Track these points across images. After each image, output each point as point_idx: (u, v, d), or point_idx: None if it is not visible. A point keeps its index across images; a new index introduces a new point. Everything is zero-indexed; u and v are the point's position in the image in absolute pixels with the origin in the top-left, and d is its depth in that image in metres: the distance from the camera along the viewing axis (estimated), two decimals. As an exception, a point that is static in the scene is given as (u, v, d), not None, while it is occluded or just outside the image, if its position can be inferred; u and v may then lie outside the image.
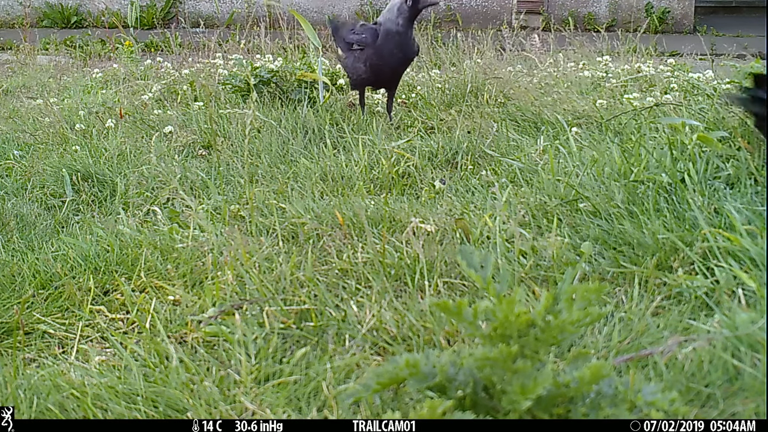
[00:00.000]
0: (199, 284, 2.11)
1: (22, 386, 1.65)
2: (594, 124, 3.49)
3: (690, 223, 2.07)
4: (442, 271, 2.04)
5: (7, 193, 3.07)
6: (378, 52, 3.39)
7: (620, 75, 4.52)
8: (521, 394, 1.24)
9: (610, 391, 1.29)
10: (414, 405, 1.45)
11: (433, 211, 2.45)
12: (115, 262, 2.24)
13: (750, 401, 1.43)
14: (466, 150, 3.18)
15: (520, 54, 5.22)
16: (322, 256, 2.21)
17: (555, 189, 2.51)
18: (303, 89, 4.21)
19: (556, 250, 2.02)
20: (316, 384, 1.61)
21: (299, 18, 3.99)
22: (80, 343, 1.91)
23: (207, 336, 1.83)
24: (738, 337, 1.56)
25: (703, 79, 4.17)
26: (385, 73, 3.47)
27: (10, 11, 10.24)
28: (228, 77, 4.45)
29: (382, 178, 2.96)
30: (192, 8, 10.39)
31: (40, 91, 5.23)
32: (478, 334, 1.34)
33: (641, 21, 8.89)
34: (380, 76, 3.45)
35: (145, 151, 3.44)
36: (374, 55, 3.39)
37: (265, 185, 2.90)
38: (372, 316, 1.81)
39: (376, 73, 3.42)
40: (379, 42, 3.39)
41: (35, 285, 2.15)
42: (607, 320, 1.77)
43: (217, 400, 1.56)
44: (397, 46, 3.44)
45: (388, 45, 3.40)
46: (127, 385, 1.64)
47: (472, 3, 10.07)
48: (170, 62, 5.54)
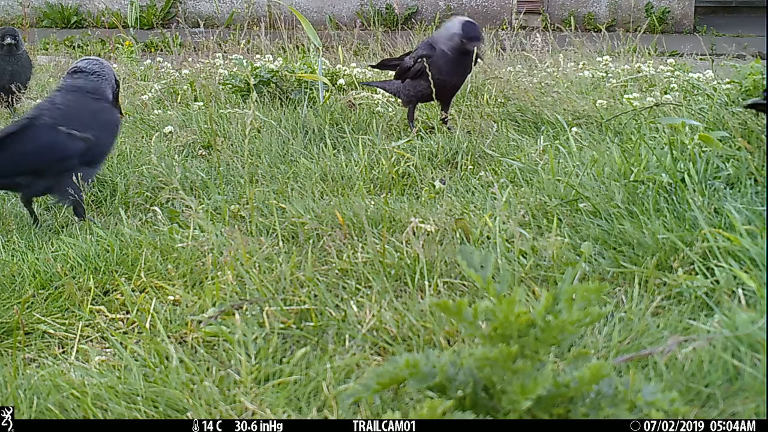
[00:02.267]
0: (199, 284, 2.11)
1: (22, 386, 1.65)
2: (594, 124, 3.49)
3: (690, 223, 2.07)
4: (442, 271, 2.04)
5: (7, 193, 3.07)
6: (439, 69, 3.43)
7: (620, 75, 4.52)
8: (521, 394, 1.24)
9: (610, 391, 1.29)
10: (414, 405, 1.45)
11: (433, 211, 2.45)
12: (115, 262, 2.24)
13: (750, 401, 1.43)
14: (466, 150, 3.18)
15: (520, 54, 5.22)
16: (322, 256, 2.21)
17: (555, 189, 2.51)
18: (303, 89, 4.21)
19: (556, 250, 2.02)
20: (316, 384, 1.61)
21: (300, 17, 3.99)
22: (80, 343, 1.91)
23: (207, 336, 1.83)
24: (738, 337, 1.56)
25: (703, 79, 4.17)
26: (445, 89, 3.50)
27: (10, 11, 10.23)
28: (228, 77, 4.45)
29: (382, 178, 2.96)
30: (192, 8, 10.38)
31: (40, 91, 5.23)
32: (478, 334, 1.34)
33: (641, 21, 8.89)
34: (440, 91, 3.48)
35: (146, 151, 3.44)
36: (435, 71, 3.42)
37: (265, 185, 2.90)
38: (372, 316, 1.81)
39: (437, 88, 3.46)
40: (438, 59, 3.43)
41: (35, 285, 2.15)
42: (607, 320, 1.77)
43: (217, 400, 1.56)
44: (456, 64, 3.46)
45: (447, 64, 3.44)
46: (127, 385, 1.64)
47: (472, 3, 10.07)
48: (170, 62, 5.54)
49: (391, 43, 6.49)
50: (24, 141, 2.61)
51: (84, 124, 2.66)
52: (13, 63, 4.39)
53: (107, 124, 2.75)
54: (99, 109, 2.74)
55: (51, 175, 2.62)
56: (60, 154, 2.62)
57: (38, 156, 2.62)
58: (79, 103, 2.72)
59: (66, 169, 2.61)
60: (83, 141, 2.60)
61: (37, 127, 2.63)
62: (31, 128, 2.63)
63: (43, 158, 2.62)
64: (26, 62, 4.52)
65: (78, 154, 2.62)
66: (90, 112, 2.72)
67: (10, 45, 4.33)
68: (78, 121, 2.66)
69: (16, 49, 4.39)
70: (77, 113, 2.69)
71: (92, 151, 2.66)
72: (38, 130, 2.63)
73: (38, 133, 2.62)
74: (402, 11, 9.93)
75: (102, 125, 2.72)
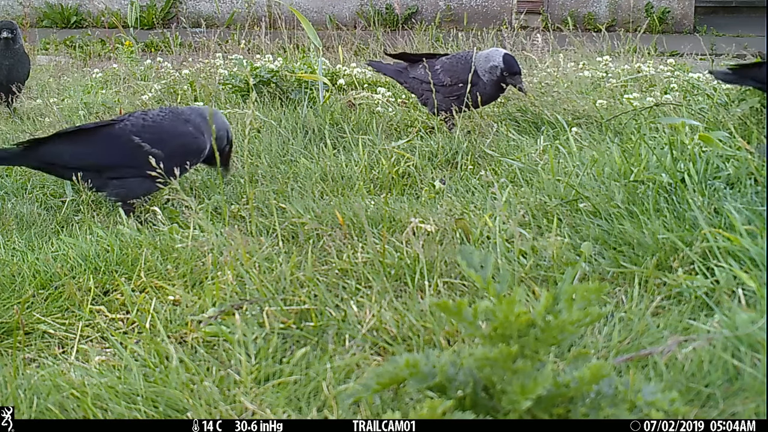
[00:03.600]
0: (199, 284, 2.11)
1: (22, 386, 1.65)
2: (594, 124, 3.49)
3: (690, 223, 2.07)
4: (442, 271, 2.04)
5: (7, 193, 3.07)
6: (477, 95, 3.52)
7: (620, 75, 4.52)
8: (521, 394, 1.24)
9: (610, 391, 1.29)
10: (414, 405, 1.45)
11: (433, 211, 2.45)
12: (115, 262, 2.24)
13: (750, 401, 1.43)
14: (466, 150, 3.18)
15: (520, 54, 5.22)
16: (322, 256, 2.21)
17: (555, 189, 2.51)
18: (303, 89, 4.21)
19: (556, 250, 2.02)
20: (316, 384, 1.61)
21: (300, 17, 3.99)
22: (80, 343, 1.91)
23: (207, 336, 1.83)
24: (738, 337, 1.56)
25: (703, 79, 4.17)
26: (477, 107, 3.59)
27: (10, 11, 10.23)
28: (228, 77, 4.45)
29: (382, 178, 2.96)
30: (192, 8, 10.38)
31: (40, 91, 5.23)
32: (478, 334, 1.34)
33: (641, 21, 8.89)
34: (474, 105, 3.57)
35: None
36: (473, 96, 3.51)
37: (265, 185, 2.90)
38: (372, 316, 1.81)
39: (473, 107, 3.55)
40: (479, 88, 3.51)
41: (35, 285, 2.15)
42: (607, 320, 1.77)
43: (217, 400, 1.56)
44: (493, 92, 3.56)
45: (485, 93, 3.53)
46: (127, 385, 1.64)
47: (473, 3, 10.07)
48: (170, 62, 5.54)
49: (391, 43, 6.50)
50: (95, 140, 2.70)
51: (161, 141, 2.69)
52: (10, 57, 4.37)
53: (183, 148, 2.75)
54: (183, 133, 2.76)
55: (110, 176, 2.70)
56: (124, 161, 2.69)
57: (101, 157, 2.69)
58: (166, 122, 2.77)
59: (122, 176, 2.68)
60: (150, 155, 2.55)
61: (114, 130, 2.72)
62: (107, 128, 2.73)
63: (106, 160, 2.69)
64: (24, 57, 4.49)
65: (139, 166, 2.61)
66: (172, 133, 2.75)
67: (6, 39, 4.32)
68: (155, 137, 2.70)
69: (12, 43, 4.36)
70: (158, 130, 2.74)
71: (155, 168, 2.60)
72: (112, 132, 2.71)
73: (111, 136, 2.71)
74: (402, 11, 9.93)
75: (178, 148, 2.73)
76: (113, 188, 2.71)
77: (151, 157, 2.48)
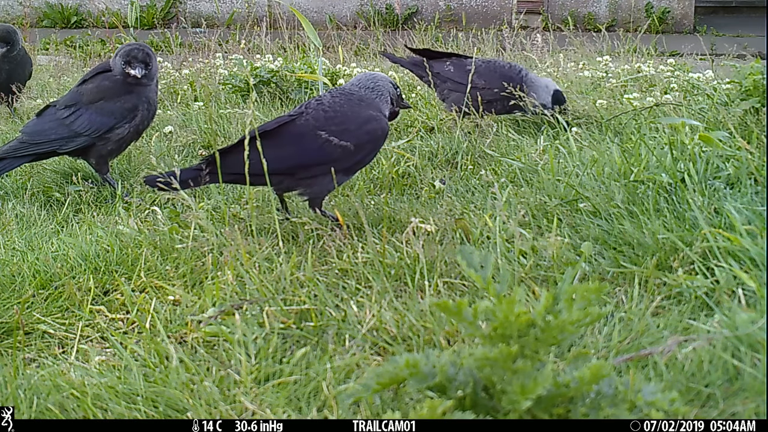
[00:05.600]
0: (199, 284, 2.11)
1: (22, 386, 1.65)
2: (594, 124, 3.49)
3: (690, 223, 2.07)
4: (442, 271, 2.04)
5: (7, 193, 3.07)
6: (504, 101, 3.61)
7: (620, 75, 4.52)
8: (521, 394, 1.24)
9: (610, 391, 1.29)
10: (414, 405, 1.45)
11: (433, 211, 2.45)
12: (115, 262, 2.24)
13: (750, 401, 1.43)
14: (466, 150, 3.19)
15: (520, 54, 5.22)
16: (322, 256, 2.21)
17: (555, 189, 2.51)
18: (303, 89, 4.21)
19: (556, 250, 2.02)
20: (316, 384, 1.61)
21: (300, 17, 3.99)
22: (80, 343, 1.91)
23: (207, 336, 1.83)
24: (738, 337, 1.56)
25: (703, 79, 4.17)
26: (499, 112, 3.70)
27: (10, 11, 10.24)
28: (228, 77, 4.45)
29: (382, 178, 2.96)
30: (192, 8, 10.39)
31: (40, 91, 5.23)
32: (478, 334, 1.34)
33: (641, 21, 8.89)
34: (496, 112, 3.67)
35: (146, 151, 3.45)
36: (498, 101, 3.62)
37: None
38: (372, 316, 1.81)
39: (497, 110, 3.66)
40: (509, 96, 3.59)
41: (35, 285, 2.15)
42: (607, 320, 1.77)
43: (217, 400, 1.56)
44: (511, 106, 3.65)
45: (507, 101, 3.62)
46: (127, 385, 1.64)
47: (473, 3, 10.07)
48: (170, 62, 5.54)
49: (391, 43, 6.50)
50: (282, 141, 2.42)
51: (347, 132, 2.45)
52: (9, 62, 4.37)
53: (369, 135, 2.48)
54: (366, 119, 2.49)
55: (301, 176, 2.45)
56: (316, 159, 2.43)
57: (296, 158, 2.43)
58: (346, 109, 2.51)
59: (313, 174, 2.43)
60: (340, 149, 2.41)
61: (297, 127, 2.45)
62: (289, 126, 2.45)
63: (300, 160, 2.43)
64: (25, 60, 4.50)
65: (332, 161, 2.41)
66: (355, 121, 2.48)
67: (3, 55, 4.33)
68: (341, 128, 2.45)
69: (10, 51, 4.37)
70: (341, 120, 2.47)
71: (348, 160, 2.45)
72: (296, 130, 2.45)
73: (296, 134, 2.45)
74: (402, 11, 9.94)
75: (363, 136, 2.47)
76: (306, 187, 2.45)
77: (341, 150, 2.37)
